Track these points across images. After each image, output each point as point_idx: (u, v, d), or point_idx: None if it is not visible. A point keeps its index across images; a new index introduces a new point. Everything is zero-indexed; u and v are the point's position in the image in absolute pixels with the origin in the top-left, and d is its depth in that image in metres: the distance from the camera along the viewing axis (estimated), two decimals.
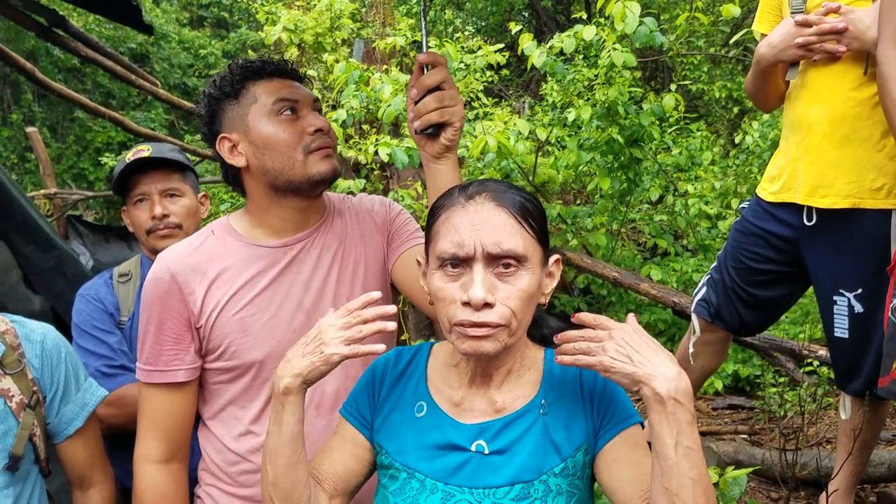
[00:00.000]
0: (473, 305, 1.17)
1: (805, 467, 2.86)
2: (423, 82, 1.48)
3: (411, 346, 1.45)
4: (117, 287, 2.20)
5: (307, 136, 1.58)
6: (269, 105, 1.57)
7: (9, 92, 15.19)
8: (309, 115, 1.60)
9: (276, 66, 1.62)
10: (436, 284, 1.23)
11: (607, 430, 1.27)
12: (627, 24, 3.98)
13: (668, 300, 4.27)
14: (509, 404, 1.30)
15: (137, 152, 2.17)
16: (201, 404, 1.68)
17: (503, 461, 1.26)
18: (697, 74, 8.92)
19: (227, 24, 18.17)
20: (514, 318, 1.20)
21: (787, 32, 2.25)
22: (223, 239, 1.65)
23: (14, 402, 1.58)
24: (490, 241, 1.19)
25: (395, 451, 1.32)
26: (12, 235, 3.29)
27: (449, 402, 1.33)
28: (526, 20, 11.91)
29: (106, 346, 2.10)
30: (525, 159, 4.97)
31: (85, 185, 14.41)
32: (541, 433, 1.27)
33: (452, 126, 1.48)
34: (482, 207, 1.22)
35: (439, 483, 1.26)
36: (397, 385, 1.39)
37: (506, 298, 1.19)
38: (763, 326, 2.69)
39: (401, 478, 1.30)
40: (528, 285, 1.21)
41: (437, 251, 1.24)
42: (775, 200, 2.41)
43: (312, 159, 1.57)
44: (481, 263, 1.19)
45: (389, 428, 1.35)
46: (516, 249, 1.20)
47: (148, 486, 1.61)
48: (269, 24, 7.07)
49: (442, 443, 1.29)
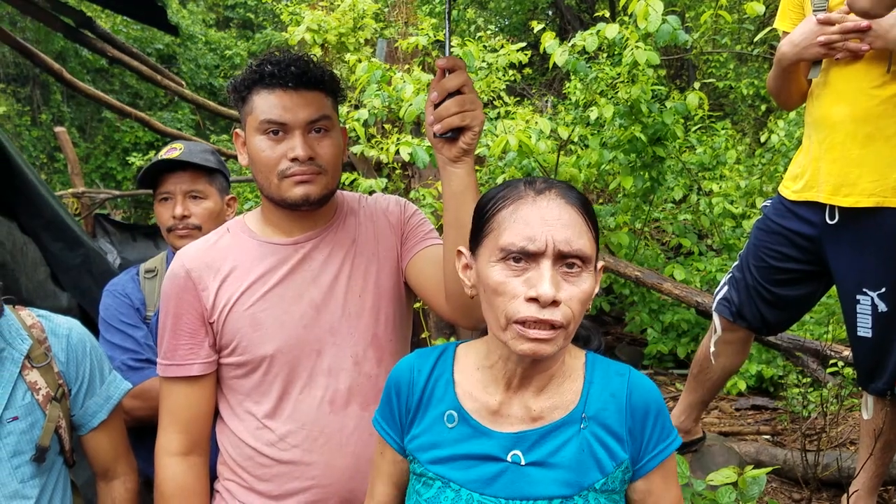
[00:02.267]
0: (542, 302, 1.13)
1: (827, 468, 2.84)
2: (443, 86, 1.47)
3: (433, 348, 1.40)
4: (143, 283, 2.24)
5: (285, 161, 1.56)
6: (258, 121, 1.57)
7: (38, 92, 15.44)
8: (296, 138, 1.56)
9: (285, 76, 1.57)
10: (495, 278, 1.18)
11: (649, 458, 1.25)
12: (650, 22, 3.96)
13: (691, 300, 4.25)
14: (547, 413, 1.26)
15: (170, 150, 2.21)
16: (219, 400, 1.71)
17: (542, 474, 1.22)
18: (724, 72, 8.85)
19: (252, 24, 18.31)
20: (574, 321, 1.18)
21: (809, 31, 2.23)
22: (237, 237, 1.68)
23: (41, 394, 1.62)
24: (561, 238, 1.15)
25: (428, 461, 1.29)
26: (41, 233, 3.35)
27: (484, 409, 1.29)
28: (549, 18, 11.88)
29: (132, 340, 2.14)
30: (547, 158, 4.96)
31: (112, 185, 14.61)
32: (581, 447, 1.24)
33: (472, 130, 1.47)
34: (554, 203, 1.19)
35: (475, 493, 1.23)
36: (424, 391, 1.34)
37: (569, 299, 1.16)
38: (785, 325, 2.68)
39: (435, 486, 1.28)
40: (590, 287, 1.19)
41: (501, 242, 1.18)
42: (798, 199, 2.40)
43: (285, 184, 1.58)
44: (550, 260, 1.15)
45: (422, 439, 1.32)
46: (584, 250, 1.17)
47: (167, 478, 1.65)
48: (293, 24, 7.13)
49: (476, 453, 1.26)
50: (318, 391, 1.63)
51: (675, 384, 4.86)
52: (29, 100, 15.45)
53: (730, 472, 2.06)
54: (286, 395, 1.63)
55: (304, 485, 1.63)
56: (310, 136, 1.58)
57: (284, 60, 1.58)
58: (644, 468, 1.25)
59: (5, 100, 14.43)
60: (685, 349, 5.01)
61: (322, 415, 1.63)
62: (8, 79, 15.03)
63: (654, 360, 5.22)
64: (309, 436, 1.62)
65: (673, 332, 5.22)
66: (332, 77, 1.65)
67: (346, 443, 1.64)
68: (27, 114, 15.08)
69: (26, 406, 1.61)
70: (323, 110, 1.60)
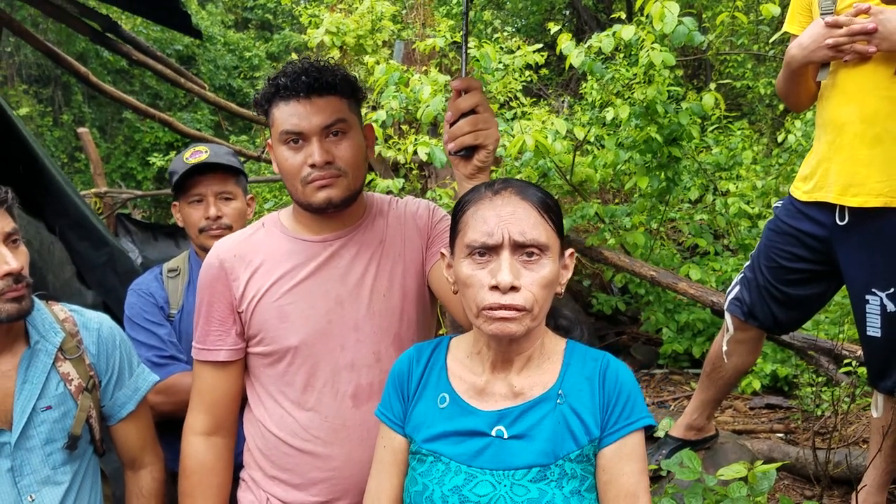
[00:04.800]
0: (501, 289, 1.27)
1: (838, 465, 2.86)
2: (457, 106, 1.52)
3: (430, 342, 1.54)
4: (167, 282, 2.30)
5: (306, 168, 1.62)
6: (279, 133, 1.63)
7: (60, 93, 15.63)
8: (314, 144, 1.61)
9: (298, 86, 1.61)
10: (464, 272, 1.33)
11: (608, 433, 1.35)
12: (666, 23, 3.99)
13: (706, 300, 4.26)
14: (528, 390, 1.38)
15: (195, 153, 2.27)
16: (247, 388, 1.77)
17: (522, 445, 1.34)
18: (741, 71, 8.82)
19: (270, 25, 18.43)
20: (537, 304, 1.30)
21: (817, 34, 2.26)
22: (271, 231, 1.75)
23: (73, 385, 1.70)
24: (516, 231, 1.29)
25: (422, 440, 1.41)
26: (67, 233, 3.43)
27: (472, 389, 1.41)
28: (566, 18, 11.89)
29: (157, 337, 2.20)
30: (563, 158, 4.99)
31: (133, 184, 14.76)
32: (558, 420, 1.35)
33: (485, 148, 1.52)
34: (508, 200, 1.33)
35: (463, 465, 1.35)
36: (422, 379, 1.47)
37: (530, 284, 1.29)
38: (796, 325, 2.70)
39: (428, 461, 1.39)
40: (550, 273, 1.31)
41: (466, 240, 1.33)
42: (808, 199, 2.43)
43: (309, 189, 1.63)
44: (508, 251, 1.29)
45: (417, 420, 1.44)
46: (539, 238, 1.30)
47: (189, 454, 1.73)
48: (311, 27, 7.20)
49: (464, 429, 1.38)
50: (341, 385, 1.68)
51: (690, 383, 4.88)
52: (51, 100, 15.65)
53: (740, 467, 2.09)
54: (310, 387, 1.68)
55: (325, 475, 1.68)
56: (327, 141, 1.62)
57: (297, 71, 1.62)
58: (602, 442, 1.35)
59: (28, 101, 14.62)
60: (700, 349, 5.02)
61: (345, 408, 1.68)
62: (30, 80, 15.23)
63: (670, 360, 5.23)
64: (331, 428, 1.68)
65: (688, 332, 5.22)
66: (346, 79, 1.67)
67: (367, 436, 1.68)
68: (49, 114, 15.26)
69: (59, 396, 1.68)
70: (338, 114, 1.64)
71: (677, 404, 4.48)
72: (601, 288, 6.03)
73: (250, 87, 16.27)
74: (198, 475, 1.72)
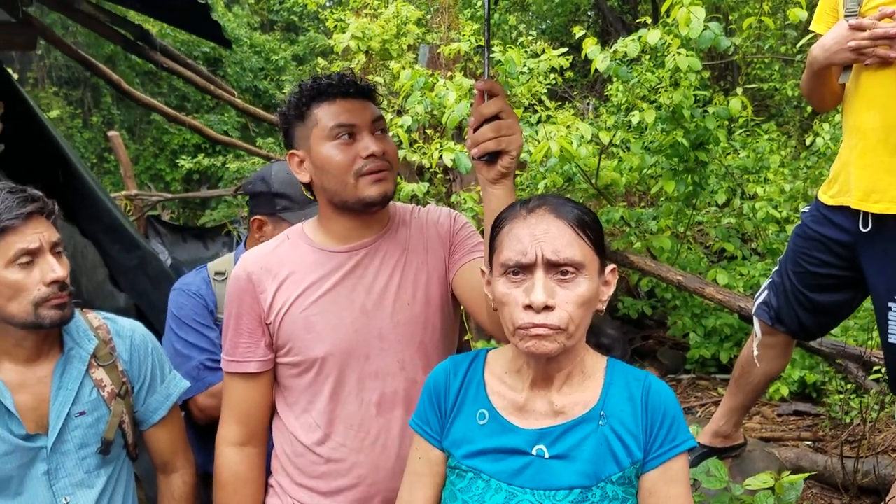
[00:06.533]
0: (535, 308, 1.26)
1: (867, 475, 2.83)
2: (480, 111, 1.52)
3: (466, 355, 1.53)
4: (215, 285, 2.28)
5: (360, 160, 1.63)
6: (327, 129, 1.64)
7: (89, 95, 15.88)
8: (366, 137, 1.64)
9: (342, 86, 1.66)
10: (500, 290, 1.32)
11: (652, 457, 1.34)
12: (692, 28, 3.97)
13: (733, 305, 4.21)
14: (568, 409, 1.37)
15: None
16: (276, 397, 1.79)
17: (563, 466, 1.33)
18: (769, 73, 8.73)
19: (296, 27, 18.56)
20: (572, 322, 1.28)
21: (839, 36, 2.25)
22: (296, 243, 1.76)
23: (106, 391, 1.74)
24: (550, 250, 1.28)
25: (462, 456, 1.41)
26: (100, 236, 3.49)
27: (512, 406, 1.40)
28: (591, 20, 11.85)
29: (208, 340, 2.19)
30: (588, 162, 4.97)
31: (161, 185, 14.95)
32: (599, 442, 1.34)
33: (509, 154, 1.51)
34: (542, 219, 1.32)
35: (503, 483, 1.35)
36: (459, 394, 1.46)
37: (564, 303, 1.28)
38: (823, 331, 2.69)
39: (467, 477, 1.39)
40: (586, 291, 1.29)
41: (501, 259, 1.33)
42: (833, 204, 2.41)
43: (363, 182, 1.64)
44: (542, 270, 1.28)
45: (456, 435, 1.43)
46: (574, 257, 1.29)
47: (223, 465, 1.75)
48: (337, 31, 7.24)
49: (504, 447, 1.37)
50: (367, 394, 1.70)
51: (717, 389, 4.85)
52: (80, 102, 15.91)
53: (767, 477, 2.08)
54: (336, 396, 1.70)
55: (351, 482, 1.70)
56: (376, 135, 1.67)
57: (336, 75, 1.68)
58: (647, 466, 1.34)
59: (58, 103, 14.87)
60: (728, 354, 4.98)
61: (369, 417, 1.70)
62: (60, 82, 15.49)
63: (697, 365, 5.20)
64: (357, 436, 1.70)
65: (716, 337, 5.18)
66: (375, 91, 1.76)
67: (392, 444, 1.71)
68: (78, 116, 15.51)
69: (93, 402, 1.72)
70: (379, 112, 1.71)
71: (704, 410, 4.45)
72: (627, 291, 6.00)
73: (276, 89, 16.41)
74: (232, 486, 1.74)
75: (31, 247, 1.59)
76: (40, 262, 1.61)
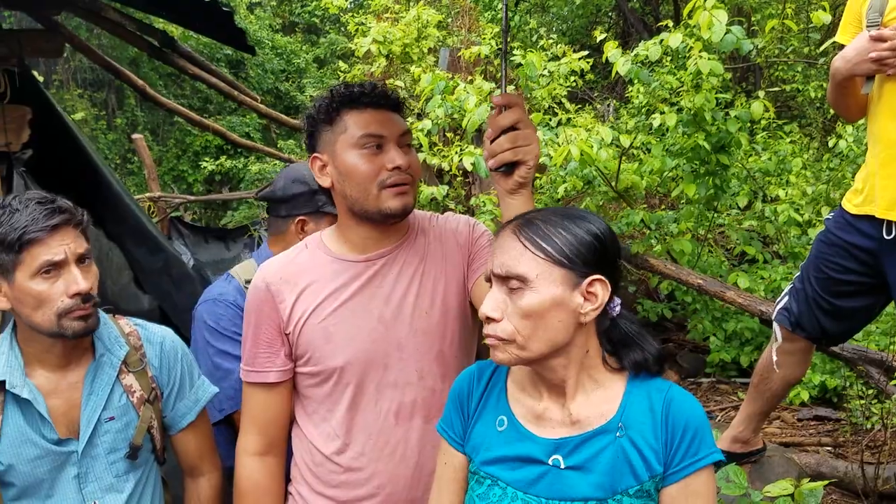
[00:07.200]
0: (481, 319, 1.34)
1: (888, 482, 2.82)
2: (497, 122, 1.51)
3: (490, 361, 1.50)
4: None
5: (385, 172, 1.64)
6: (356, 137, 1.64)
7: (113, 97, 16.06)
8: (392, 150, 1.65)
9: (374, 96, 1.67)
10: None
11: (673, 471, 1.32)
12: (714, 32, 3.96)
13: (754, 309, 4.20)
14: (585, 420, 1.36)
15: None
16: (295, 406, 1.80)
17: (579, 477, 1.32)
18: (791, 74, 8.67)
19: (317, 29, 18.66)
20: (518, 334, 1.29)
21: (861, 47, 2.25)
22: (314, 253, 1.77)
23: (135, 396, 1.77)
24: (497, 263, 1.32)
25: (480, 461, 1.42)
26: (125, 239, 3.54)
27: (530, 414, 1.41)
28: (612, 21, 11.81)
29: None
30: (608, 165, 4.97)
31: (184, 187, 15.08)
32: (617, 454, 1.32)
33: (526, 165, 1.51)
34: (503, 234, 1.35)
35: (519, 492, 1.35)
36: (482, 399, 1.48)
37: (510, 315, 1.30)
38: (844, 337, 2.69)
39: (485, 484, 1.40)
40: (530, 303, 1.28)
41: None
42: (858, 213, 2.42)
43: (385, 194, 1.64)
44: (495, 283, 1.33)
45: (476, 440, 1.45)
46: (515, 270, 1.29)
47: (244, 476, 1.76)
48: (358, 35, 7.27)
49: (521, 455, 1.37)
50: (385, 403, 1.70)
51: (737, 393, 4.83)
52: (104, 104, 16.10)
53: (787, 483, 2.08)
54: (355, 406, 1.70)
55: (370, 492, 1.71)
56: (402, 149, 1.68)
57: (367, 85, 1.69)
58: (667, 480, 1.32)
59: (82, 105, 15.06)
60: (748, 358, 4.96)
61: (388, 426, 1.70)
62: (84, 84, 15.68)
63: (717, 369, 5.18)
64: (375, 446, 1.70)
65: (736, 341, 5.15)
66: (404, 103, 1.76)
67: (410, 454, 1.71)
68: (103, 118, 15.69)
69: (122, 407, 1.76)
70: (406, 126, 1.72)
71: (724, 415, 4.44)
72: (647, 294, 5.99)
73: (297, 91, 16.51)
74: (252, 496, 1.76)
75: (55, 259, 1.61)
76: (64, 274, 1.63)
